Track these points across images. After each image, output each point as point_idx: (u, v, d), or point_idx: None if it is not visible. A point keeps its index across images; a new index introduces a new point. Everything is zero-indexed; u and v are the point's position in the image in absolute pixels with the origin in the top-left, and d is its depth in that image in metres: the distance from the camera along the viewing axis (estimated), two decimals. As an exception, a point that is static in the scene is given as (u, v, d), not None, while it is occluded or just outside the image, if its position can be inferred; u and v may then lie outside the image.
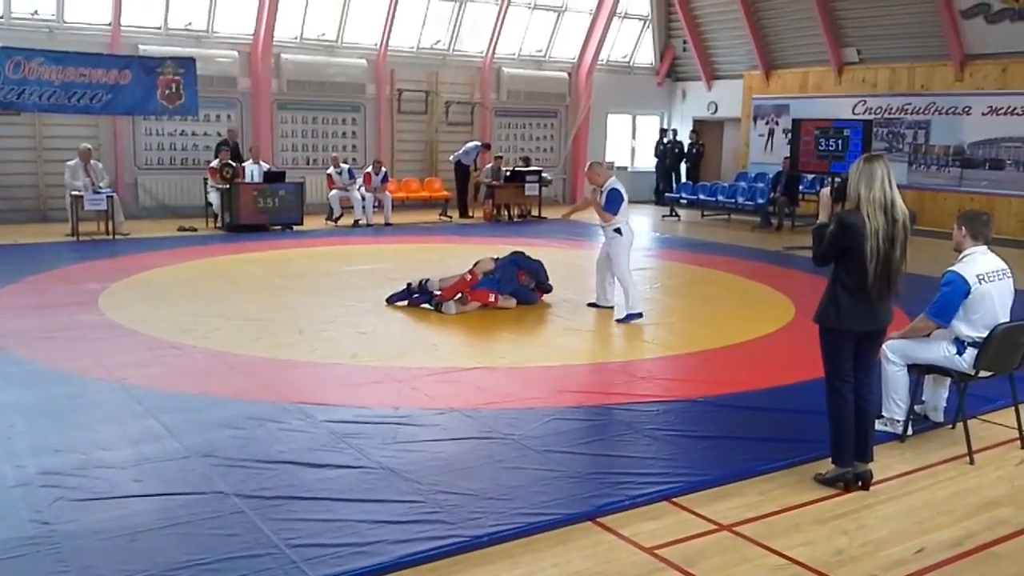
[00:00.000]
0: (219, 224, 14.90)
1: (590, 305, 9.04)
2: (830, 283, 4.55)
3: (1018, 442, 5.35)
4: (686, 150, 21.32)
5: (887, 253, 4.32)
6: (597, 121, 21.39)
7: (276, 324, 8.10)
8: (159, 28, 16.19)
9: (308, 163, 17.77)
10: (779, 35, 19.45)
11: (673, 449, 5.09)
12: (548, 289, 9.37)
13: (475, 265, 8.95)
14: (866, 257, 4.31)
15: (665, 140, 21.34)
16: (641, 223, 17.86)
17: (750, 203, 17.41)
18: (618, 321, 8.45)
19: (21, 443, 4.95)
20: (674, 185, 20.71)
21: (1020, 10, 15.35)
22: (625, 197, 8.57)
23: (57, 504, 4.16)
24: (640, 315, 8.43)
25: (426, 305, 8.66)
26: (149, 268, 10.89)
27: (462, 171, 17.71)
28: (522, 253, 9.48)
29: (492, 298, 8.76)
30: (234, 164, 14.77)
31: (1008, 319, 5.10)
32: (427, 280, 8.76)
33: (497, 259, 9.12)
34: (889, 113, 17.52)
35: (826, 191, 4.88)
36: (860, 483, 4.61)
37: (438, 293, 8.66)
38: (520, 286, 9.09)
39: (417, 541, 3.85)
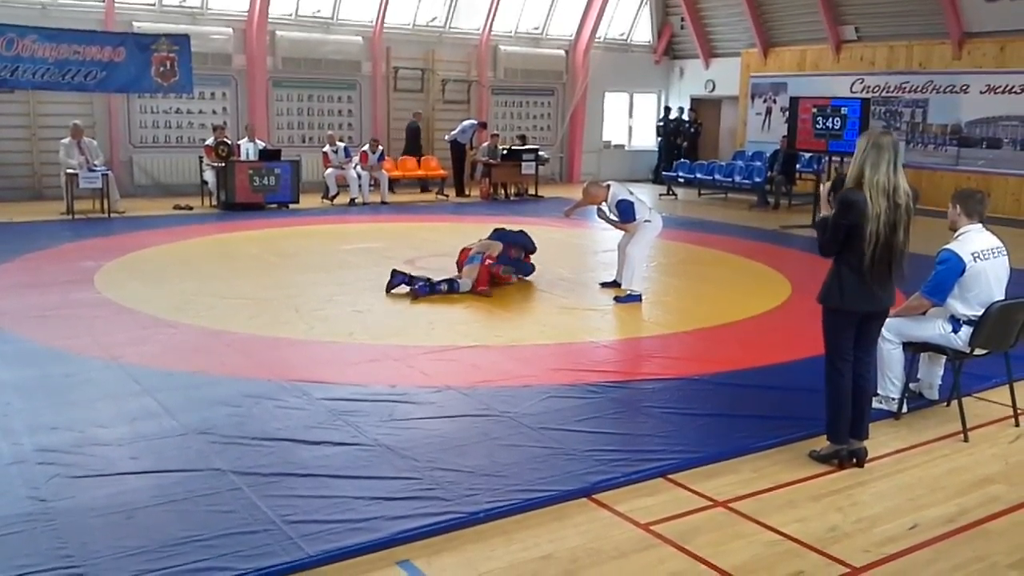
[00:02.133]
0: (215, 202, 14.85)
1: (606, 285, 9.01)
2: (834, 263, 4.52)
3: (1012, 420, 5.38)
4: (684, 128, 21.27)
5: (888, 238, 4.28)
6: (594, 99, 21.30)
7: (272, 302, 8.09)
8: (153, 5, 16.07)
9: (304, 141, 17.70)
10: (777, 13, 19.34)
11: (668, 426, 5.11)
12: (533, 250, 9.37)
13: (468, 252, 8.92)
14: (865, 239, 4.27)
15: (670, 118, 21.26)
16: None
17: (747, 182, 17.39)
18: (616, 300, 8.46)
19: (17, 421, 4.95)
20: (671, 164, 20.67)
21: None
22: (634, 199, 8.59)
23: (54, 481, 4.17)
24: (639, 298, 8.43)
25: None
26: (145, 246, 10.87)
27: (458, 150, 17.64)
28: (501, 228, 9.46)
29: (512, 279, 8.83)
30: (229, 142, 14.70)
31: (1003, 297, 5.11)
32: (455, 281, 8.50)
33: (489, 239, 9.13)
34: (887, 91, 17.46)
35: (825, 188, 4.83)
36: (855, 460, 4.63)
37: (464, 282, 8.56)
38: (512, 260, 9.09)
39: (413, 517, 3.86)
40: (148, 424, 4.95)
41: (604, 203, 8.68)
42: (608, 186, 8.71)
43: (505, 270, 8.86)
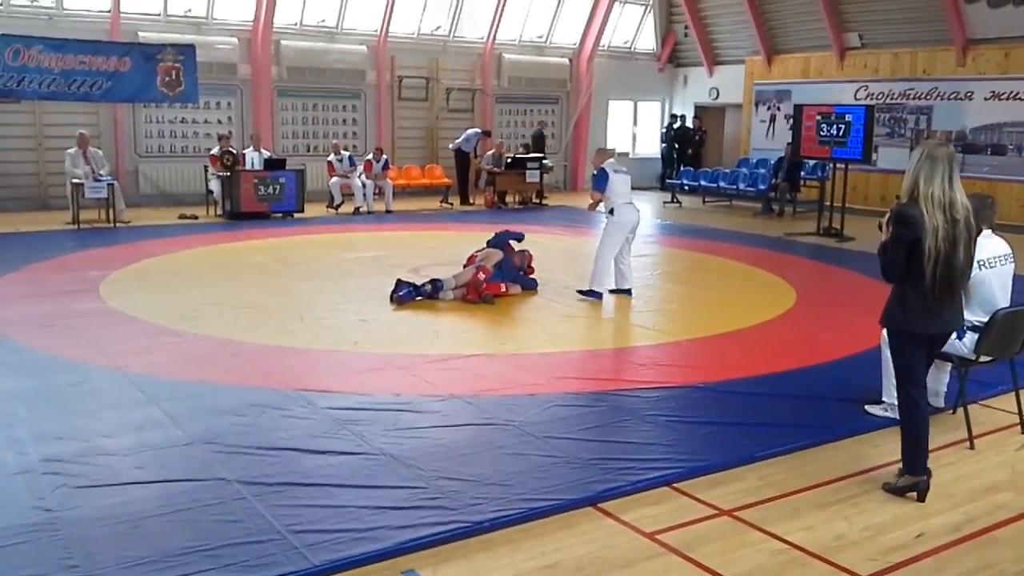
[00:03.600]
0: (220, 212, 14.88)
1: (614, 291, 9.01)
2: (896, 284, 4.31)
3: (1018, 427, 5.35)
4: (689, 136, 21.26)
5: (948, 255, 4.04)
6: (598, 107, 21.33)
7: (277, 311, 8.10)
8: (158, 15, 16.14)
9: (308, 150, 17.74)
10: (781, 20, 19.36)
11: (674, 435, 5.10)
12: (520, 237, 9.39)
13: (475, 259, 8.93)
14: (924, 256, 4.04)
15: (675, 127, 21.21)
16: (643, 209, 17.82)
17: (751, 189, 17.38)
18: (578, 292, 8.72)
19: (23, 430, 4.96)
20: (676, 172, 20.64)
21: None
22: (614, 177, 8.65)
23: (59, 491, 4.17)
24: (597, 296, 8.55)
25: (419, 298, 8.58)
26: (150, 256, 10.89)
27: (462, 158, 17.68)
28: (504, 231, 9.46)
29: (504, 288, 8.78)
30: (234, 151, 14.74)
31: (1008, 304, 5.10)
32: (438, 280, 8.61)
33: (491, 246, 9.12)
34: (891, 98, 17.45)
35: (886, 218, 4.46)
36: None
37: (449, 280, 8.62)
38: (515, 269, 9.07)
39: (418, 527, 3.86)
40: (153, 434, 4.96)
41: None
42: (608, 157, 8.93)
43: (511, 285, 8.84)
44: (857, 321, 7.76)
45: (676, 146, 21.10)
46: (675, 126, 21.27)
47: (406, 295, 8.40)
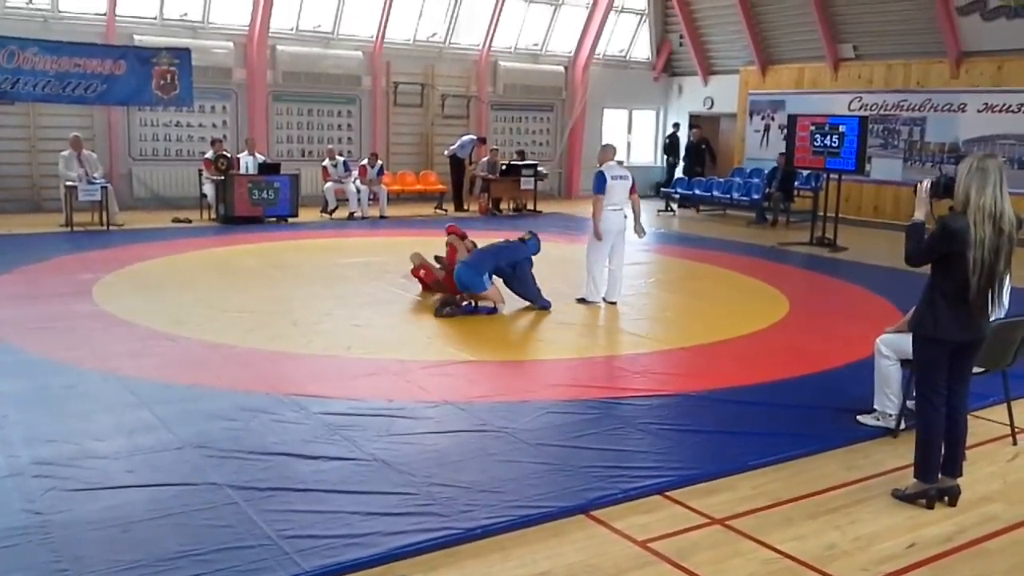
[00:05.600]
0: (214, 216, 14.86)
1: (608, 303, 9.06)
2: (928, 289, 4.33)
3: (1010, 438, 5.37)
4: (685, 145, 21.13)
5: (992, 265, 4.08)
6: (593, 115, 21.36)
7: (270, 316, 8.09)
8: (154, 18, 16.13)
9: (303, 155, 17.73)
10: (776, 30, 19.44)
11: (666, 443, 5.10)
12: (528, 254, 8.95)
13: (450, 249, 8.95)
14: (968, 267, 4.07)
15: (694, 138, 20.79)
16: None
17: (745, 199, 17.41)
18: (577, 299, 8.88)
19: (14, 433, 4.94)
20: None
21: (1016, 7, 15.37)
22: (612, 182, 8.70)
23: (50, 494, 4.15)
24: (592, 304, 8.58)
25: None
26: (143, 259, 10.87)
27: (457, 164, 17.69)
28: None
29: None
30: (228, 155, 14.73)
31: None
32: (495, 306, 8.41)
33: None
34: (885, 110, 17.52)
35: (924, 185, 4.47)
36: (946, 499, 4.43)
37: (501, 306, 8.46)
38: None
39: (410, 533, 3.85)
40: (145, 437, 4.94)
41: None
42: (613, 157, 8.98)
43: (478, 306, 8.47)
44: (849, 331, 7.80)
45: (691, 158, 20.41)
46: (692, 138, 20.21)
47: (464, 308, 8.30)
